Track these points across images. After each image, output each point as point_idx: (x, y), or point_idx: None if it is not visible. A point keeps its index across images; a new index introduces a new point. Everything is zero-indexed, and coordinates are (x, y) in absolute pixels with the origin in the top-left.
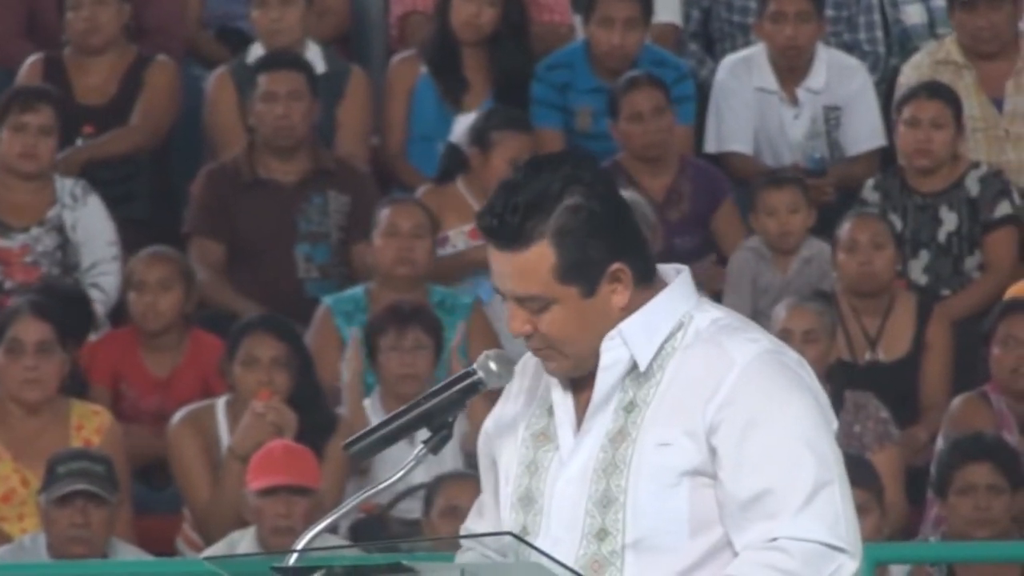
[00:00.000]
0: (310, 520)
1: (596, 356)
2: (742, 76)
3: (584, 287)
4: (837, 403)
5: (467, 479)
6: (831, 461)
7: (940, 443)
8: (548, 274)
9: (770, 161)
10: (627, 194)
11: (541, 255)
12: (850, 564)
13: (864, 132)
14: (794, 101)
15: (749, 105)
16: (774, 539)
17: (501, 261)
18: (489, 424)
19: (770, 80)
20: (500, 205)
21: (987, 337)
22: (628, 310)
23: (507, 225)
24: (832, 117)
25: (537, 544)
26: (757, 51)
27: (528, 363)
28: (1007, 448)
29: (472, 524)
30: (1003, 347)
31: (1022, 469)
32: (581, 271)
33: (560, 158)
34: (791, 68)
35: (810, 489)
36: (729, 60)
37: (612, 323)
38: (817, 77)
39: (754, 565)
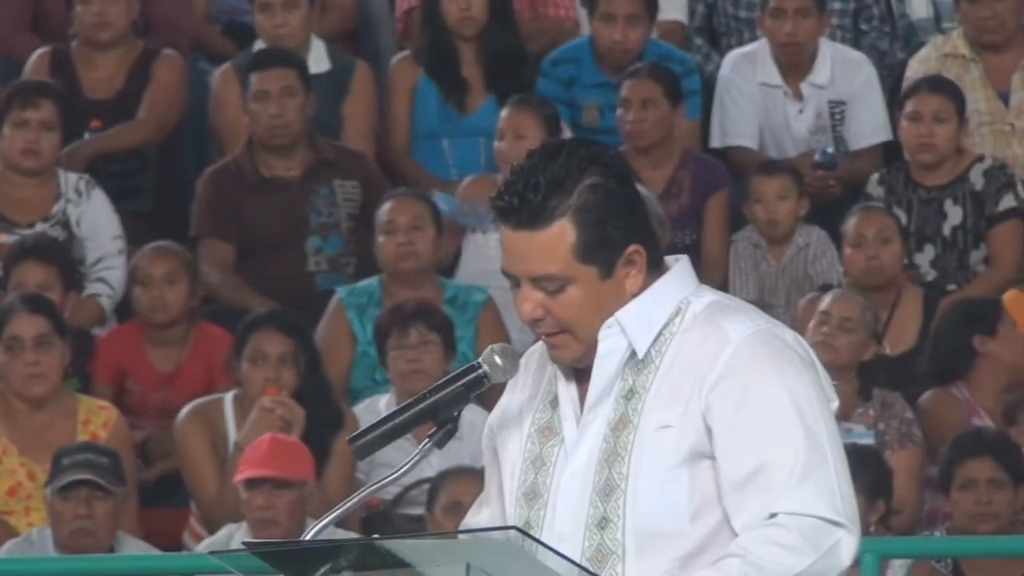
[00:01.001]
0: (295, 513)
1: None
2: (745, 71)
3: (602, 267)
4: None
5: (471, 474)
6: (825, 437)
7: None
8: (568, 252)
9: (774, 156)
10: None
11: (562, 233)
12: (848, 538)
13: (868, 127)
14: (798, 96)
15: (754, 100)
16: (772, 515)
17: (518, 241)
18: (494, 418)
19: (774, 75)
20: (520, 185)
21: (991, 327)
22: (638, 296)
23: (528, 203)
24: (837, 112)
25: (540, 538)
26: (760, 46)
27: (532, 357)
28: (1009, 443)
29: (472, 518)
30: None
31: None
32: (600, 250)
33: (575, 142)
34: (794, 63)
35: (804, 464)
36: (732, 55)
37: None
38: (822, 72)
39: (755, 542)
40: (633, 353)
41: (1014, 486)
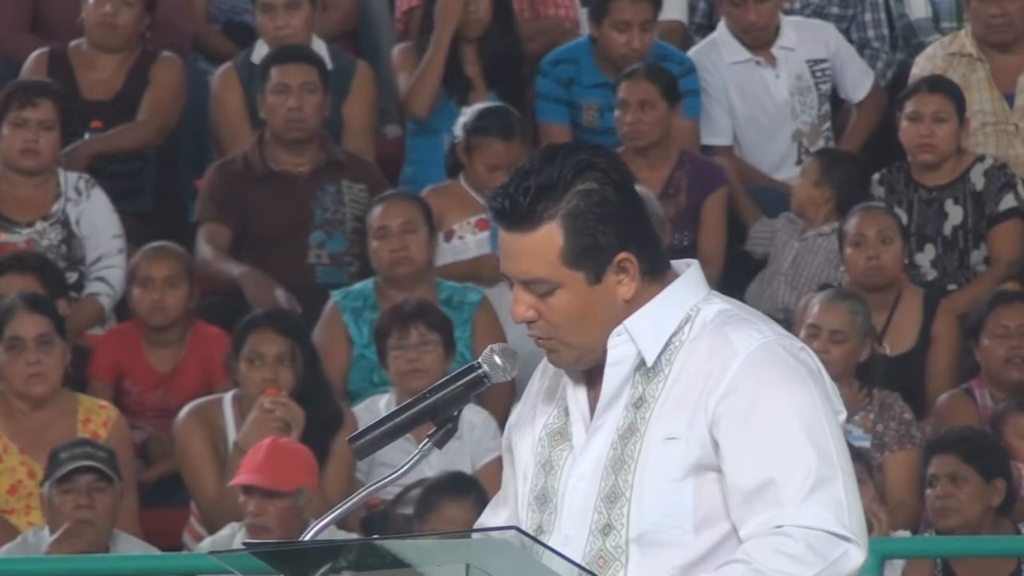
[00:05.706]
0: (287, 521)
1: (600, 349)
2: (714, 58)
3: (590, 273)
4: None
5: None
6: (833, 451)
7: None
8: (556, 257)
9: (761, 126)
10: (637, 188)
11: (550, 237)
12: (855, 552)
13: (860, 78)
14: (772, 62)
15: (726, 86)
16: (779, 527)
17: (509, 243)
18: (512, 418)
19: (740, 52)
20: (513, 187)
21: (975, 329)
22: (634, 303)
23: (518, 205)
24: (818, 70)
25: (549, 542)
26: (720, 31)
27: (548, 364)
28: (983, 438)
29: (489, 520)
30: (993, 338)
31: (1000, 459)
32: (589, 256)
33: (574, 146)
34: (759, 37)
35: (813, 479)
36: (694, 52)
37: (616, 314)
38: (788, 36)
39: (760, 549)
40: (643, 361)
41: (986, 481)
